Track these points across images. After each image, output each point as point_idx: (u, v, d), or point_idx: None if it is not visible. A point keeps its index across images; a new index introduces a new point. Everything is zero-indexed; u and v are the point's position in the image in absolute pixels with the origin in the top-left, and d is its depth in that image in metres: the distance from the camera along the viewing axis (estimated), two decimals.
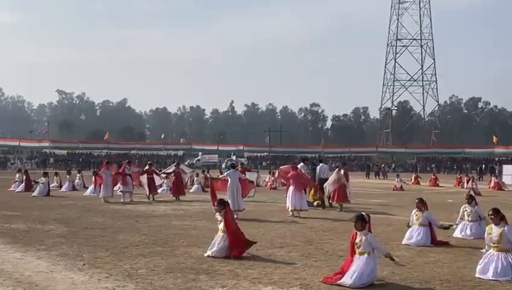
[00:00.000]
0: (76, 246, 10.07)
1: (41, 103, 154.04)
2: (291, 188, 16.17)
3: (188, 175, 24.28)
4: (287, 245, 10.58)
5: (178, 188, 21.57)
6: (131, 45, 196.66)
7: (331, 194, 17.98)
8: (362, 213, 7.91)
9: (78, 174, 28.84)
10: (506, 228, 8.10)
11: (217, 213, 9.66)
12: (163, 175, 23.15)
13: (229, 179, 15.55)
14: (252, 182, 16.97)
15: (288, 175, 16.58)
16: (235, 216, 14.57)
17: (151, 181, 21.39)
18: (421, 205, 11.23)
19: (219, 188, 16.18)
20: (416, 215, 11.14)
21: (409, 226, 11.20)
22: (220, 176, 16.70)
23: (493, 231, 8.19)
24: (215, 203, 9.87)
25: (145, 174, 21.41)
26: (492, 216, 8.26)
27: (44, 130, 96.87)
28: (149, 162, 24.91)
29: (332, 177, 18.09)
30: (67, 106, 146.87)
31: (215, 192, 15.36)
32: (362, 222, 7.68)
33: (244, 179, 16.32)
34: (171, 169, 22.61)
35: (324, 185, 18.23)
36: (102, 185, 20.54)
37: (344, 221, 14.20)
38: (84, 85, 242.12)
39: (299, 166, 17.83)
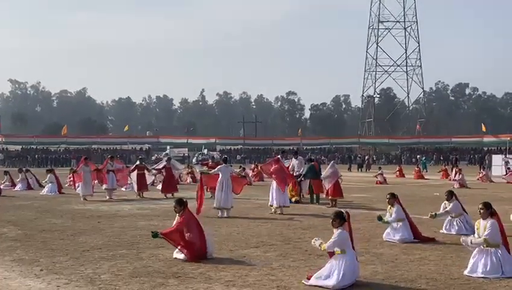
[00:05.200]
0: (32, 251, 9.96)
1: None
2: (273, 183, 16.23)
3: (179, 171, 24.25)
4: (263, 244, 10.63)
5: (169, 184, 21.61)
6: (92, 30, 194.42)
7: (326, 189, 18.11)
8: (342, 210, 7.95)
9: (27, 172, 27.95)
10: (489, 222, 8.23)
11: (177, 214, 9.46)
12: (154, 171, 23.09)
13: (220, 174, 15.50)
14: (245, 177, 16.86)
15: (271, 170, 16.58)
16: (223, 215, 14.73)
17: (141, 177, 21.52)
18: (393, 200, 11.48)
19: (208, 183, 16.16)
20: (389, 211, 11.43)
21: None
22: (211, 171, 16.64)
23: (481, 225, 8.36)
24: (174, 203, 9.60)
25: (136, 171, 21.57)
26: (481, 210, 8.39)
27: None
28: (140, 157, 24.86)
29: (327, 170, 18.22)
30: (20, 97, 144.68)
31: (204, 187, 15.39)
32: (340, 220, 7.70)
33: (236, 175, 16.33)
34: (161, 164, 22.54)
35: (321, 177, 18.39)
36: (80, 183, 20.47)
37: (324, 217, 14.30)
38: (39, 74, 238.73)
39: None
